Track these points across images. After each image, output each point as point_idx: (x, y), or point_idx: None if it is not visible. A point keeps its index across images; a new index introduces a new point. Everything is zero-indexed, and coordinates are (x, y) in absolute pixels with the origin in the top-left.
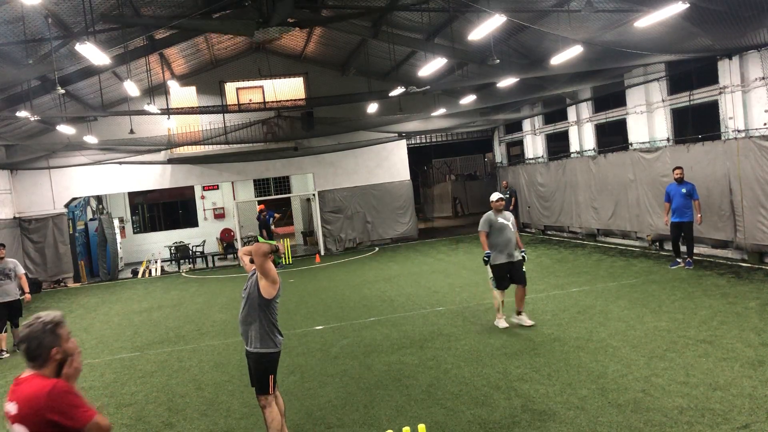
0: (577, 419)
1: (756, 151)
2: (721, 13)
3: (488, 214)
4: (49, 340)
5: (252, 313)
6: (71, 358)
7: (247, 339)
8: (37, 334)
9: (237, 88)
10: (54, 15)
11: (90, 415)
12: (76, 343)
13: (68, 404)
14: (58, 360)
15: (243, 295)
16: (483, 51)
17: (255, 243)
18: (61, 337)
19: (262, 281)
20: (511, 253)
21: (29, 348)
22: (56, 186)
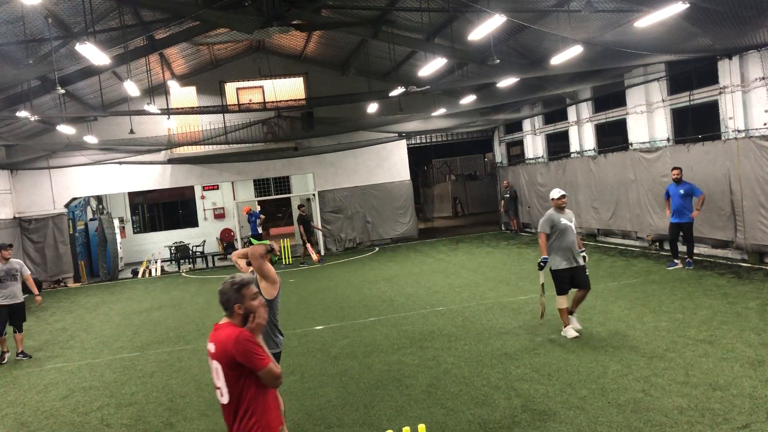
0: (577, 419)
1: (756, 151)
2: (721, 13)
3: (550, 213)
4: (234, 298)
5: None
6: (252, 314)
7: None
8: (226, 290)
9: (237, 88)
10: (54, 15)
11: (265, 362)
12: (262, 302)
13: (248, 350)
14: (241, 314)
15: None
16: (483, 51)
17: (250, 246)
18: (245, 297)
19: (262, 282)
20: (575, 257)
21: (221, 300)
22: (56, 186)
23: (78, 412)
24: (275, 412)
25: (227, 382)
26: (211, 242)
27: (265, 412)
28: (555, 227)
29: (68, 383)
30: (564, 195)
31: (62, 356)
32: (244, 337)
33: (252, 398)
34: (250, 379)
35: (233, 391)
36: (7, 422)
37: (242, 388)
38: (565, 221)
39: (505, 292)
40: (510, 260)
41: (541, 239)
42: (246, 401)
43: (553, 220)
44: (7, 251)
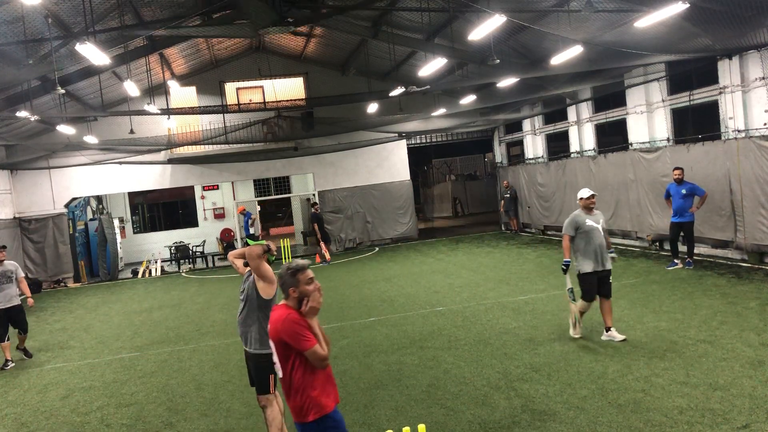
0: (577, 419)
1: (756, 151)
2: (721, 13)
3: (575, 214)
4: (290, 282)
5: (252, 315)
6: (307, 298)
7: (247, 340)
8: (282, 274)
9: (237, 88)
10: (54, 15)
11: (309, 344)
12: (318, 287)
13: (294, 332)
14: (296, 297)
15: (241, 297)
16: (483, 51)
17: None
18: (300, 281)
19: (260, 283)
20: (602, 260)
21: (279, 284)
22: (56, 186)
23: (78, 412)
24: (325, 391)
25: (279, 360)
26: (211, 242)
27: (314, 391)
28: (580, 229)
29: (68, 383)
30: (593, 195)
31: (62, 356)
32: (291, 319)
33: (301, 376)
34: (300, 359)
35: (285, 368)
36: (7, 422)
37: (292, 366)
38: (591, 222)
39: (505, 292)
40: (510, 260)
41: (564, 241)
42: (296, 379)
43: (577, 222)
44: (1, 253)
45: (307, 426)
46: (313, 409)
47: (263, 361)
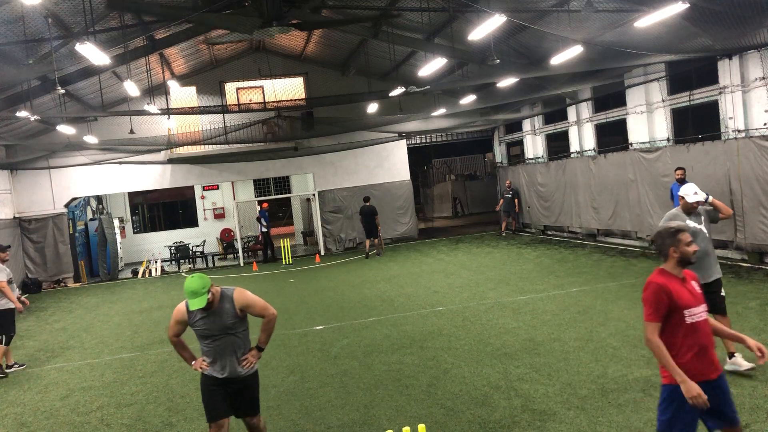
0: (577, 419)
1: (756, 151)
2: (721, 13)
3: (673, 214)
4: (669, 242)
5: (234, 342)
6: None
7: (230, 368)
8: (663, 234)
9: (237, 88)
10: (54, 15)
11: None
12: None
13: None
14: (676, 257)
15: (205, 334)
16: (483, 51)
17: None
18: (681, 241)
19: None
20: (709, 268)
21: (656, 245)
22: (56, 186)
23: (78, 412)
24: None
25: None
26: (211, 242)
27: (676, 354)
28: None
29: (68, 383)
30: (699, 203)
31: (62, 356)
32: (647, 287)
33: (666, 340)
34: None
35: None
36: (7, 422)
37: (663, 327)
38: (692, 224)
39: (505, 292)
40: (510, 260)
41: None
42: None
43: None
44: (7, 253)
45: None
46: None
47: (256, 379)
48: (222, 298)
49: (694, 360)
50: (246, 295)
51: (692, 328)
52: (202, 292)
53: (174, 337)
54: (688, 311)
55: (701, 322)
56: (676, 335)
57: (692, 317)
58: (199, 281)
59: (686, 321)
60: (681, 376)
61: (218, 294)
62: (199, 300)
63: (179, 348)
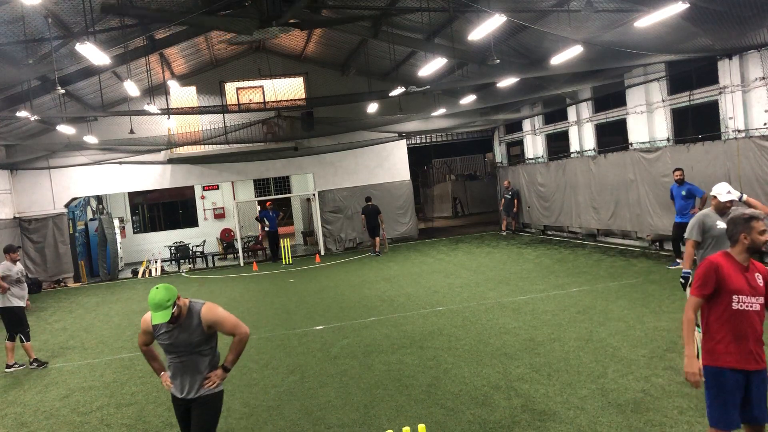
0: (577, 419)
1: (756, 151)
2: (721, 13)
3: (704, 214)
4: (742, 227)
5: (199, 361)
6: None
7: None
8: (736, 219)
9: (237, 88)
10: (54, 15)
11: (691, 292)
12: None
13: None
14: (746, 244)
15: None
16: (483, 51)
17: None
18: (753, 228)
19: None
20: None
21: (727, 230)
22: (56, 186)
23: (78, 412)
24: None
25: None
26: (211, 242)
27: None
28: (708, 233)
29: (68, 383)
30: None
31: (62, 356)
32: (702, 263)
33: (708, 321)
34: (708, 304)
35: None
36: (7, 422)
37: (710, 305)
38: (723, 225)
39: (505, 292)
40: (510, 260)
41: (687, 248)
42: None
43: (705, 224)
44: (16, 253)
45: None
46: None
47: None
48: (189, 312)
49: (728, 344)
50: (215, 312)
51: (737, 314)
52: (167, 305)
53: (143, 346)
54: (737, 297)
55: (751, 312)
56: (718, 316)
57: (741, 304)
58: (164, 293)
59: (732, 306)
60: (689, 349)
61: (185, 307)
62: (162, 314)
63: (148, 357)
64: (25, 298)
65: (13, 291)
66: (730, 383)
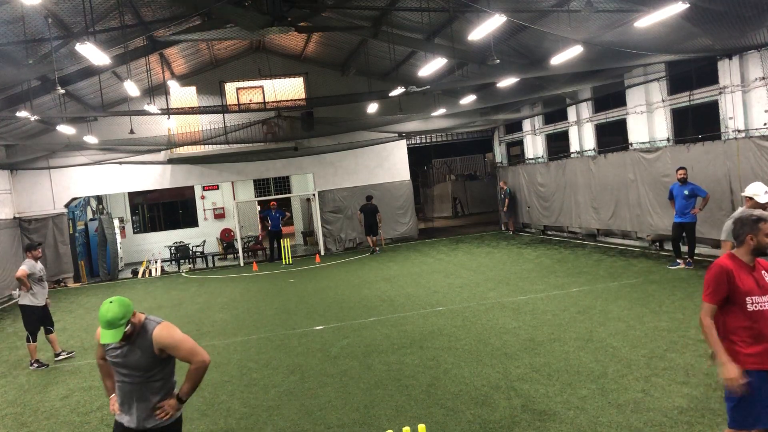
0: (577, 419)
1: (756, 151)
2: (722, 13)
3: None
4: (749, 228)
5: (148, 387)
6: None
7: (137, 417)
8: (744, 219)
9: (237, 88)
10: (54, 15)
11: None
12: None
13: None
14: (752, 245)
15: (116, 369)
16: (483, 51)
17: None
18: (761, 230)
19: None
20: None
21: (734, 229)
22: (56, 186)
23: (78, 412)
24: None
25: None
26: (211, 242)
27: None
28: None
29: (68, 383)
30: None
31: None
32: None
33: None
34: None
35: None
36: (7, 422)
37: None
38: None
39: (505, 292)
40: (510, 260)
41: (723, 250)
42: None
43: None
44: (39, 250)
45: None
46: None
47: (178, 429)
48: (143, 329)
49: (749, 346)
50: (170, 334)
51: (753, 315)
52: (120, 323)
53: (99, 359)
54: (750, 298)
55: (765, 311)
56: (735, 320)
57: (755, 305)
58: (117, 309)
59: (747, 308)
60: (724, 356)
61: (140, 324)
62: (113, 332)
63: (104, 373)
64: (45, 296)
65: (34, 289)
66: (755, 385)
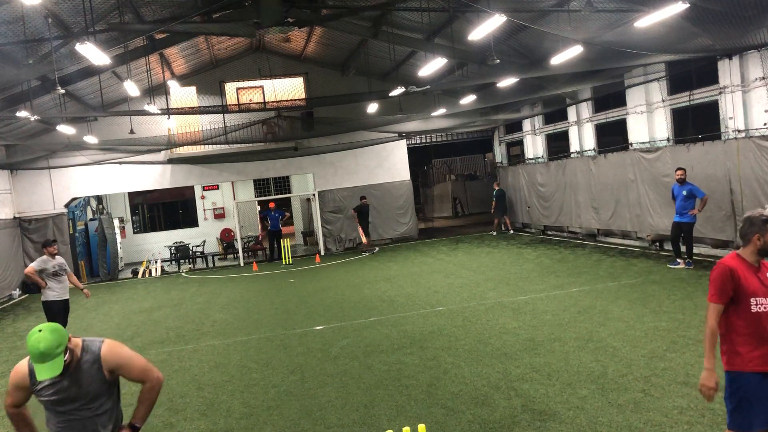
0: (577, 419)
1: (756, 151)
2: (722, 13)
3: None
4: (758, 228)
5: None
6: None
7: None
8: (753, 218)
9: (237, 88)
10: (54, 15)
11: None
12: None
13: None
14: (759, 245)
15: (54, 407)
16: (483, 51)
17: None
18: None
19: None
20: None
21: (742, 228)
22: (56, 186)
23: None
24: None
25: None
26: (211, 242)
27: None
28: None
29: None
30: None
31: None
32: (715, 268)
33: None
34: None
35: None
36: (7, 422)
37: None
38: None
39: (505, 292)
40: (510, 260)
41: None
42: (724, 326)
43: None
44: (53, 247)
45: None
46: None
47: None
48: (83, 354)
49: (752, 349)
50: (120, 352)
51: (757, 317)
52: (57, 352)
53: (12, 407)
54: (755, 299)
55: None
56: (738, 321)
57: (759, 306)
58: (51, 337)
59: (751, 309)
60: (709, 362)
61: (78, 349)
62: (51, 365)
63: (19, 423)
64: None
65: (49, 285)
66: (756, 387)
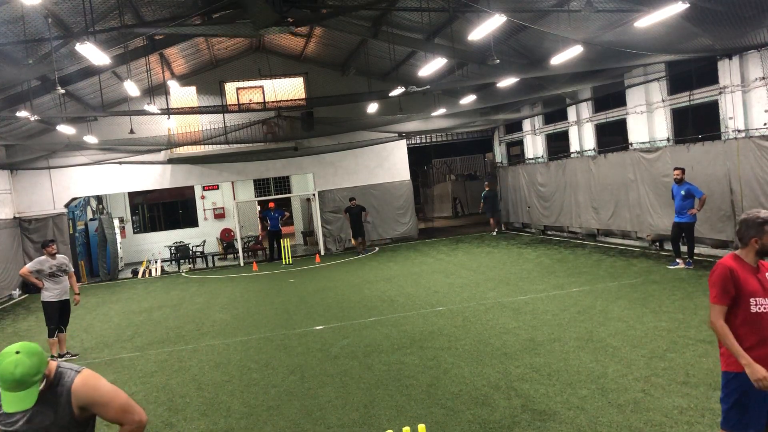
0: (577, 419)
1: (756, 151)
2: (722, 13)
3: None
4: (754, 231)
5: None
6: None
7: None
8: (749, 221)
9: (237, 88)
10: (54, 15)
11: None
12: None
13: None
14: (756, 248)
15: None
16: (483, 51)
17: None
18: (766, 233)
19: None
20: None
21: (738, 230)
22: (56, 186)
23: None
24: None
25: None
26: (211, 242)
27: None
28: None
29: None
30: None
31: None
32: (714, 270)
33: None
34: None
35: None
36: None
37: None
38: None
39: (505, 292)
40: (510, 260)
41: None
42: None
43: None
44: (52, 246)
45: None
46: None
47: None
48: (56, 381)
49: (751, 349)
50: (96, 386)
51: (757, 317)
52: (33, 380)
53: None
54: (755, 300)
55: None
56: (737, 321)
57: (759, 306)
58: (29, 362)
59: (751, 309)
60: (746, 358)
61: (52, 375)
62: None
63: None
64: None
65: (47, 285)
66: (753, 389)
